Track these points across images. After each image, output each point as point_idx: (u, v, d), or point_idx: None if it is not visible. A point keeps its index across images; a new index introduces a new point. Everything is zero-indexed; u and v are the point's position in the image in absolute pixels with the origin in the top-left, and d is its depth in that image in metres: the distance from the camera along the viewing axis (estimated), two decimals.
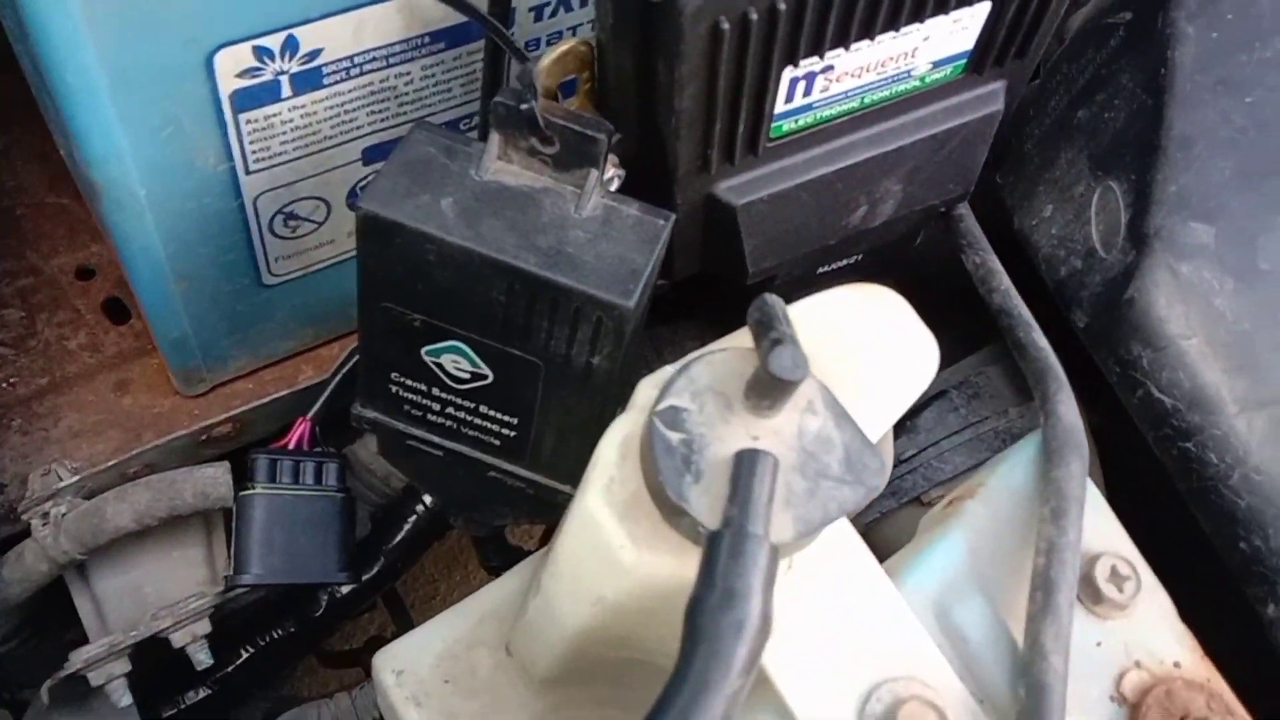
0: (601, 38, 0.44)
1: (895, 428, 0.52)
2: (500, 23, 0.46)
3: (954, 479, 0.63)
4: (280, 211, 0.52)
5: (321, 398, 0.57)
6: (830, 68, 0.45)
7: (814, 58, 0.44)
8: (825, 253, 0.56)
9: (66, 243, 0.67)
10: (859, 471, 0.35)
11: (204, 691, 0.66)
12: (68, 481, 0.54)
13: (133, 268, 0.51)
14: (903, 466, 0.65)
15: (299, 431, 0.57)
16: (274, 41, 0.44)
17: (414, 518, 0.67)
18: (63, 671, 0.56)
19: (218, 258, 0.52)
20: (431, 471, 0.55)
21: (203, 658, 0.56)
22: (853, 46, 0.44)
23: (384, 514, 0.69)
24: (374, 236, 0.43)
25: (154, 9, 0.40)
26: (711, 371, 0.36)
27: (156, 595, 0.57)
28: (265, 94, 0.46)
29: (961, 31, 0.47)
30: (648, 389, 0.38)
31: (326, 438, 0.60)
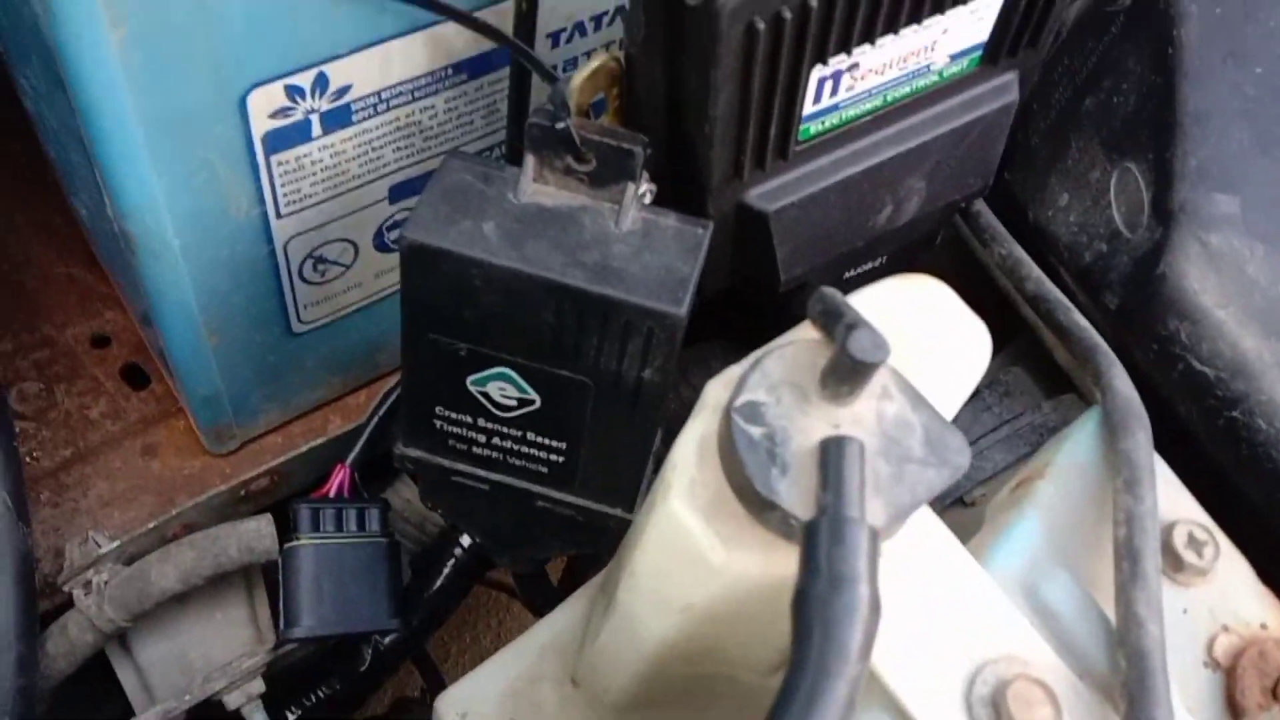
0: (632, 51, 0.44)
1: None
2: (525, 46, 0.46)
3: (995, 476, 0.63)
4: (310, 255, 0.52)
5: (360, 442, 0.56)
6: (856, 65, 0.46)
7: (842, 55, 0.44)
8: (852, 256, 0.56)
9: (79, 312, 0.66)
10: (942, 452, 0.35)
11: None
12: (108, 548, 0.53)
13: (165, 323, 0.50)
14: None
15: (338, 479, 0.56)
16: (305, 79, 0.44)
17: (453, 561, 0.66)
18: None
19: (249, 307, 0.52)
20: (477, 509, 0.55)
21: (259, 718, 0.55)
22: (878, 41, 0.45)
23: (421, 562, 0.68)
24: (419, 266, 0.43)
25: (189, 50, 0.39)
26: (784, 364, 0.36)
27: (203, 659, 0.56)
28: (296, 134, 0.46)
29: (978, 22, 0.48)
30: (717, 388, 0.38)
31: (362, 486, 0.59)
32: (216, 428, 0.57)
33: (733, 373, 0.37)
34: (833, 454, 0.33)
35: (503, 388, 0.47)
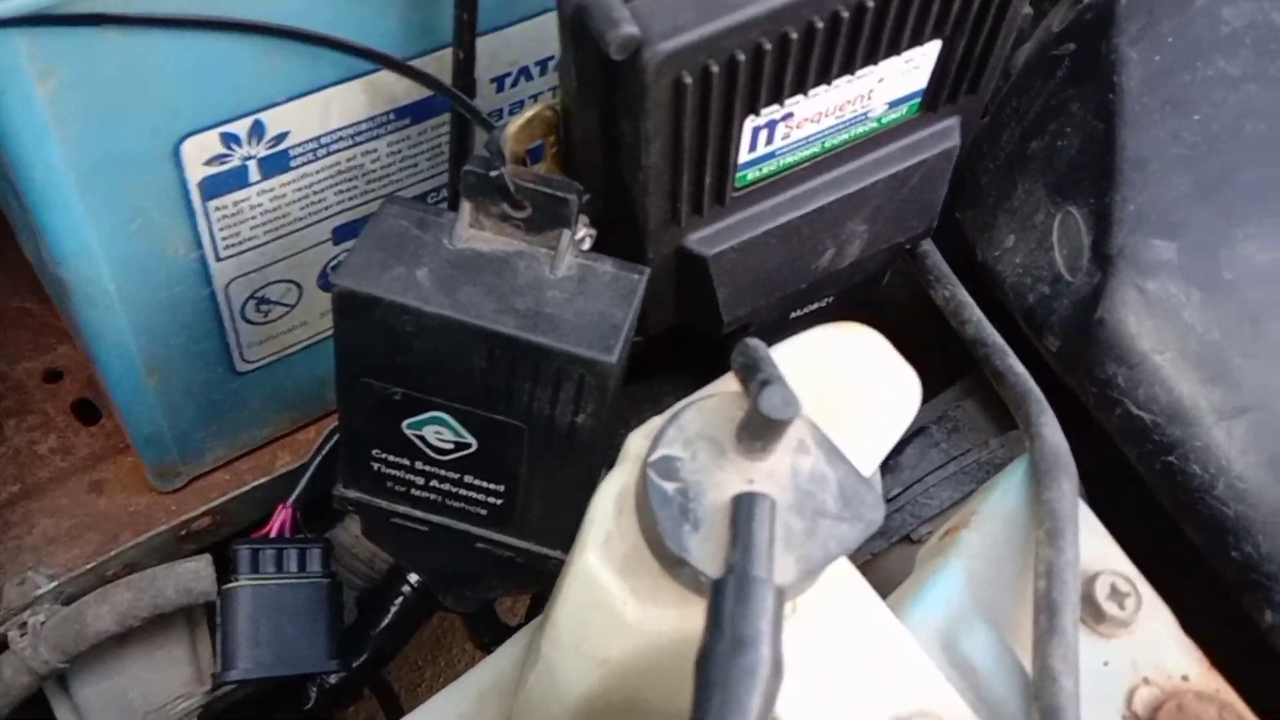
0: (566, 101, 0.44)
1: (880, 467, 0.52)
2: (464, 94, 0.46)
3: (942, 514, 0.64)
4: (252, 297, 0.52)
5: (301, 483, 0.56)
6: (790, 115, 0.46)
7: (774, 105, 0.45)
8: (796, 297, 0.56)
9: (32, 346, 0.66)
10: (856, 507, 0.35)
11: None
12: (45, 589, 0.53)
13: (104, 364, 0.50)
14: (890, 505, 0.65)
15: (280, 519, 0.56)
16: (241, 127, 0.44)
17: (400, 599, 0.66)
18: None
19: (189, 348, 0.52)
20: (418, 549, 0.55)
21: None
22: (811, 92, 0.45)
23: (370, 598, 0.67)
24: (351, 312, 0.43)
25: (120, 101, 0.40)
26: (701, 418, 0.36)
27: (142, 699, 0.56)
28: (233, 180, 0.46)
29: (914, 71, 0.48)
30: (639, 440, 0.38)
31: (308, 524, 0.59)
32: (161, 465, 0.57)
33: (654, 424, 0.38)
34: (743, 511, 0.33)
35: (438, 431, 0.47)
